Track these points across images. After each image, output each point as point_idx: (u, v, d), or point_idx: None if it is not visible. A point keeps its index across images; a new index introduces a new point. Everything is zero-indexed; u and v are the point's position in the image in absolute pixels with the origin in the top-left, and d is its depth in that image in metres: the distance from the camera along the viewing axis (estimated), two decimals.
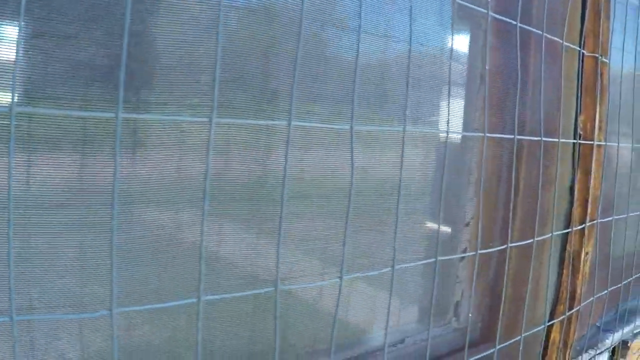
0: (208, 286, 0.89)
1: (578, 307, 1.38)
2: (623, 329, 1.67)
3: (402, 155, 0.88)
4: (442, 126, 1.32)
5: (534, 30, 1.12)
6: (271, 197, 1.03)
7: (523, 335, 1.20)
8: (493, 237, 1.38)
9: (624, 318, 1.70)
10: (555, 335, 1.38)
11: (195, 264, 0.91)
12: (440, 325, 1.41)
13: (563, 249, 1.34)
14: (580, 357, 1.50)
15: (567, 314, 1.34)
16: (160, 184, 0.88)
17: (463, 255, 1.36)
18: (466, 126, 1.34)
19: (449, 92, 1.11)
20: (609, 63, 1.38)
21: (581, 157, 1.33)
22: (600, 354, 1.65)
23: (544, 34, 1.11)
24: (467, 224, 1.38)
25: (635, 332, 1.79)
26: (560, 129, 1.21)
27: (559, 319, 1.34)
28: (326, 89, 1.07)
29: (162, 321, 0.92)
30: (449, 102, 1.15)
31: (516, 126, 1.04)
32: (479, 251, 1.01)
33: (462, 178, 1.35)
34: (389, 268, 0.96)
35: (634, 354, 1.91)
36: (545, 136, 1.30)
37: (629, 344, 1.76)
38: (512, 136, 1.02)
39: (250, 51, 0.96)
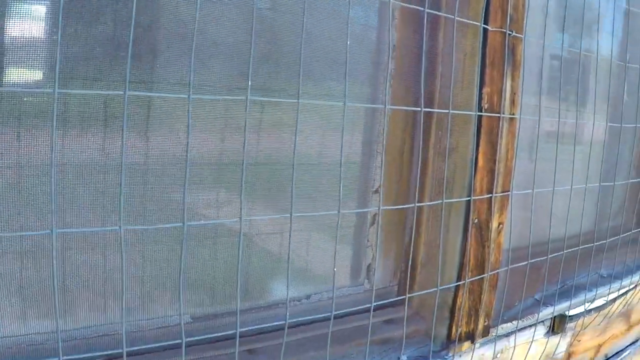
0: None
1: (483, 275, 1.45)
2: (555, 305, 1.72)
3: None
4: (355, 99, 1.42)
5: (413, 6, 1.20)
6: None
7: (408, 295, 1.30)
8: (399, 203, 1.47)
9: (556, 295, 1.75)
10: (460, 300, 1.46)
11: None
12: (352, 285, 1.52)
13: (466, 217, 1.42)
14: (496, 327, 1.57)
15: (468, 280, 1.42)
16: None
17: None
18: (374, 98, 1.43)
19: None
20: (524, 38, 1.43)
21: (486, 129, 1.39)
22: (530, 326, 1.71)
23: (426, 10, 1.19)
24: (376, 191, 1.47)
25: (575, 310, 1.83)
26: (451, 101, 1.28)
27: (452, 284, 1.42)
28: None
29: None
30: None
31: (386, 98, 1.14)
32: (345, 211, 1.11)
33: (370, 147, 1.45)
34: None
35: (584, 330, 1.96)
36: (451, 108, 1.38)
37: (567, 321, 1.80)
38: (383, 106, 1.12)
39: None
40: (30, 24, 1.06)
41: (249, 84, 1.00)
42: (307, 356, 1.34)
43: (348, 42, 1.09)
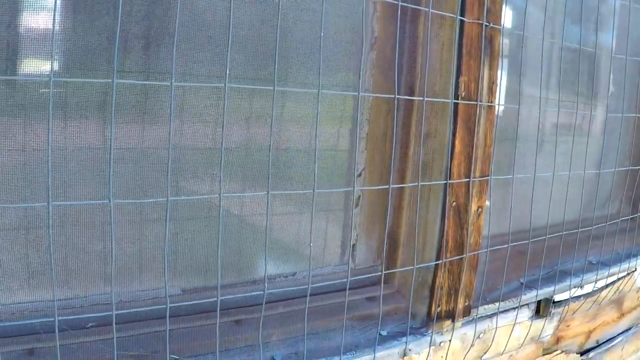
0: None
1: (462, 256, 1.54)
2: (538, 289, 1.80)
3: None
4: (342, 88, 1.52)
5: (391, 0, 1.29)
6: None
7: (384, 272, 1.39)
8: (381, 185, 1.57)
9: (539, 279, 1.83)
10: (439, 280, 1.55)
11: None
12: (338, 264, 1.62)
13: (445, 200, 1.51)
14: (477, 308, 1.66)
15: (445, 260, 1.51)
16: None
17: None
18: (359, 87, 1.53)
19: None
20: (502, 30, 1.52)
21: (463, 116, 1.48)
22: (513, 308, 1.79)
23: (400, 3, 1.28)
24: (360, 174, 1.57)
25: (562, 295, 1.91)
26: (425, 89, 1.38)
27: (429, 263, 1.51)
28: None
29: None
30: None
31: (360, 85, 1.23)
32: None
33: (355, 134, 1.55)
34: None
35: (573, 316, 2.03)
36: (428, 97, 1.48)
37: (551, 305, 1.88)
38: (356, 93, 1.21)
39: None
40: (39, 18, 1.18)
41: (227, 72, 1.11)
42: (291, 328, 1.45)
43: (322, 34, 1.19)
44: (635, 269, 2.25)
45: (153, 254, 1.37)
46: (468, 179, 1.53)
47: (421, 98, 1.40)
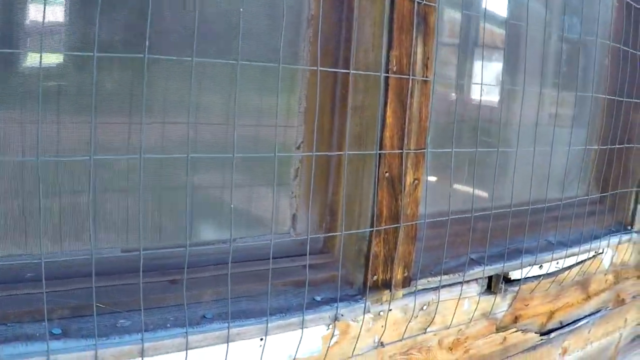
0: None
1: (396, 225, 1.67)
2: (485, 265, 1.91)
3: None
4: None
5: None
6: None
7: (309, 236, 1.53)
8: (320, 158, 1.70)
9: (485, 256, 1.93)
10: (374, 249, 1.67)
11: None
12: (279, 233, 1.76)
13: (378, 171, 1.63)
14: (416, 280, 1.78)
15: (376, 228, 1.64)
16: None
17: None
18: (295, 62, 1.67)
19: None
20: (438, 7, 1.63)
21: (395, 90, 1.60)
22: (459, 283, 1.91)
23: None
24: (298, 147, 1.71)
25: (516, 274, 2.01)
26: (352, 62, 1.51)
27: (359, 231, 1.64)
28: None
29: None
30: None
31: (281, 58, 1.37)
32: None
33: (293, 107, 1.69)
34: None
35: (532, 293, 2.13)
36: (361, 70, 1.61)
37: (501, 281, 1.98)
38: (276, 65, 1.35)
39: None
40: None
41: (147, 44, 1.25)
42: (223, 290, 1.58)
43: (241, 9, 1.33)
44: (602, 251, 2.33)
45: (100, 213, 1.54)
46: (401, 151, 1.65)
47: (347, 71, 1.53)
